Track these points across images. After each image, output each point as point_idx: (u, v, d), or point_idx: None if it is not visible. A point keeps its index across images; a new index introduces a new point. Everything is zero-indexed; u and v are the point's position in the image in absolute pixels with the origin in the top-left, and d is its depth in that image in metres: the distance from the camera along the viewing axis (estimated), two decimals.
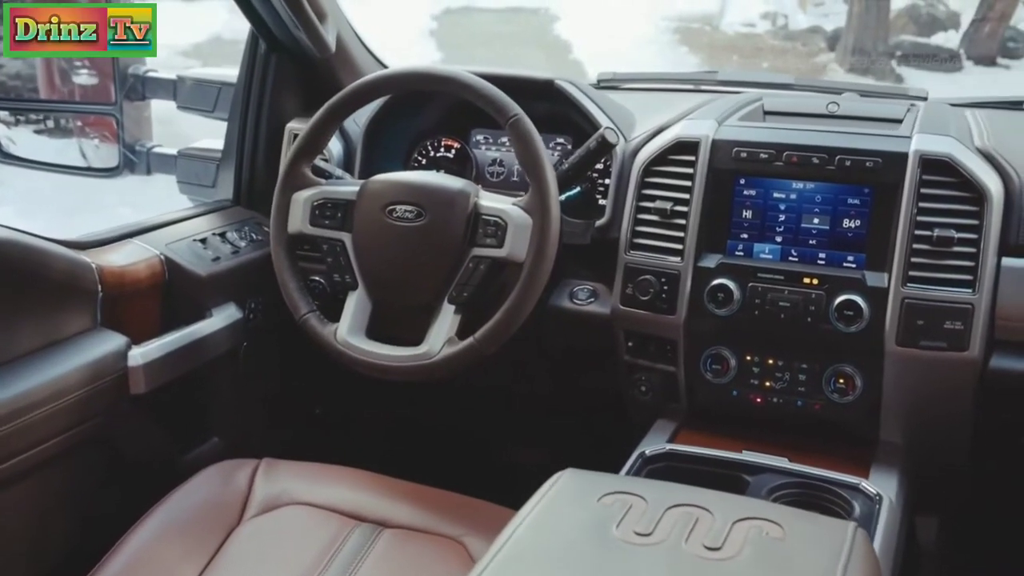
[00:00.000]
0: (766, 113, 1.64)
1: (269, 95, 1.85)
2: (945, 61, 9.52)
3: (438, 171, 1.85)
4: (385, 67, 2.03)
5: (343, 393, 2.03)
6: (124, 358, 1.47)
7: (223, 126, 1.92)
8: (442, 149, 1.87)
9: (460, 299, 1.43)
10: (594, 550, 0.92)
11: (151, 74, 2.00)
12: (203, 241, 1.71)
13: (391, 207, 1.46)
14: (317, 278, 1.72)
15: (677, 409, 1.61)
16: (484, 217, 1.42)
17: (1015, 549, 1.80)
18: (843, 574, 0.88)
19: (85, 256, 1.50)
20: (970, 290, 1.37)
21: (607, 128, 1.49)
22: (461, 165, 1.86)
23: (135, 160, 2.02)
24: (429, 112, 1.85)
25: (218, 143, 1.96)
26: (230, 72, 1.94)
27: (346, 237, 1.49)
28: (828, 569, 0.89)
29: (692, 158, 1.52)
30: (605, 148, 1.50)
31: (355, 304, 1.48)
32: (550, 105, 1.70)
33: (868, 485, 1.35)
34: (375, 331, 1.49)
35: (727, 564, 0.91)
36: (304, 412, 2.04)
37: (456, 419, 2.15)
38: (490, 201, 1.44)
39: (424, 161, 1.87)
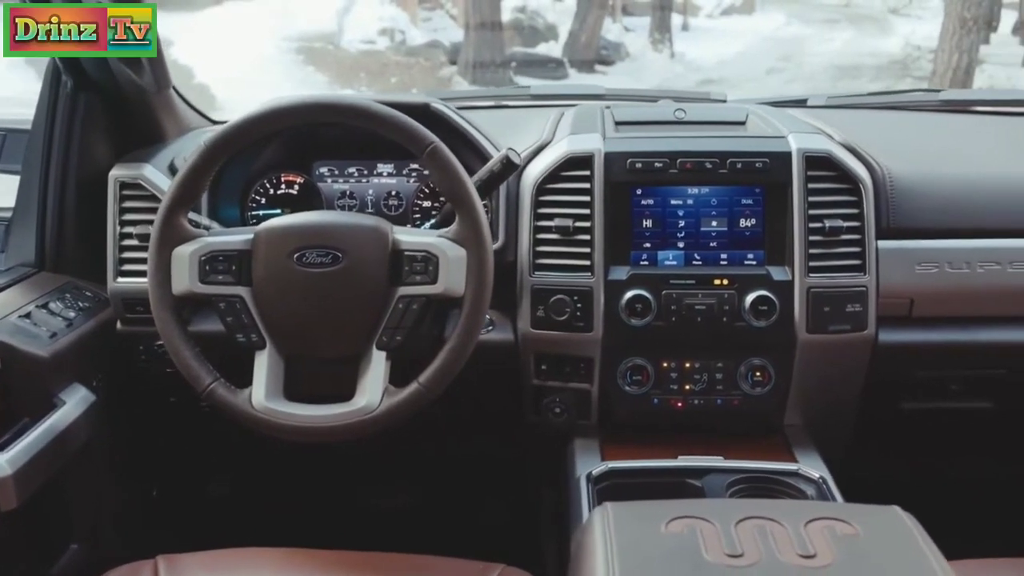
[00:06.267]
0: (617, 123, 1.66)
1: (78, 140, 1.59)
2: (553, 69, 10.52)
3: (283, 209, 1.70)
4: (196, 109, 1.84)
5: (192, 467, 1.80)
6: None
7: None
8: (283, 186, 1.71)
9: (392, 343, 1.31)
10: None
11: None
12: (28, 316, 1.45)
13: (300, 253, 1.31)
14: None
15: (587, 426, 1.59)
16: (408, 253, 1.32)
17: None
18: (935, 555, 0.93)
19: None
20: (862, 273, 1.49)
21: (510, 149, 1.44)
22: (307, 201, 1.71)
23: None
24: (265, 148, 1.69)
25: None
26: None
27: (245, 292, 1.32)
28: (927, 554, 0.92)
29: (587, 172, 1.51)
30: (509, 169, 1.44)
31: (267, 364, 1.32)
32: None
33: (808, 470, 1.42)
34: (292, 391, 1.33)
35: (833, 570, 0.91)
36: (150, 498, 1.78)
37: (320, 471, 1.98)
38: (410, 236, 1.34)
39: (264, 200, 1.71)
